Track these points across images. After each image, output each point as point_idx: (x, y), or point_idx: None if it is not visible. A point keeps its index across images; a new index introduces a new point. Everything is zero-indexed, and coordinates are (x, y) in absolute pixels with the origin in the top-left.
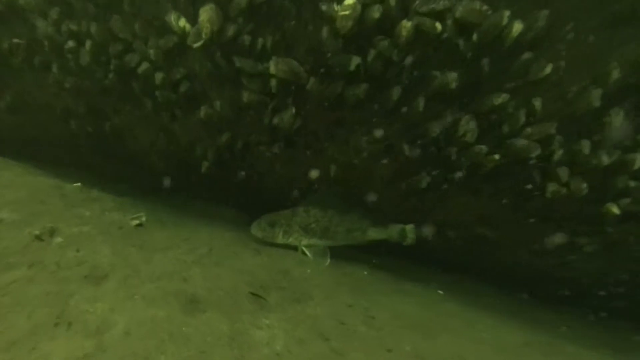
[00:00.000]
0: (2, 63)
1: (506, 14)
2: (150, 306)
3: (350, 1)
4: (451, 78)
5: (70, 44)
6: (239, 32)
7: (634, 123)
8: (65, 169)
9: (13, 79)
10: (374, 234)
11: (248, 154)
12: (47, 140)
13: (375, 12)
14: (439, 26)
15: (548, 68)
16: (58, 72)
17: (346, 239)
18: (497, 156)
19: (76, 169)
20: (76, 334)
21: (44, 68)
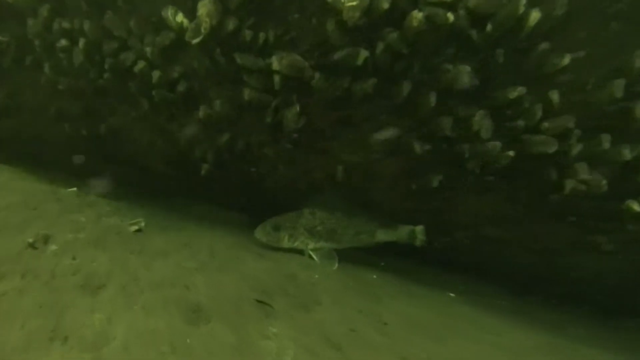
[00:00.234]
0: None
1: (522, 2)
2: (151, 316)
3: None
4: (464, 71)
5: (63, 42)
6: (240, 27)
7: None
8: (59, 172)
9: (3, 79)
10: (382, 235)
11: (249, 154)
12: (40, 143)
13: (384, 3)
14: (450, 16)
15: (566, 59)
16: (50, 72)
17: (354, 242)
18: (511, 152)
19: (71, 172)
20: (72, 348)
21: (35, 68)
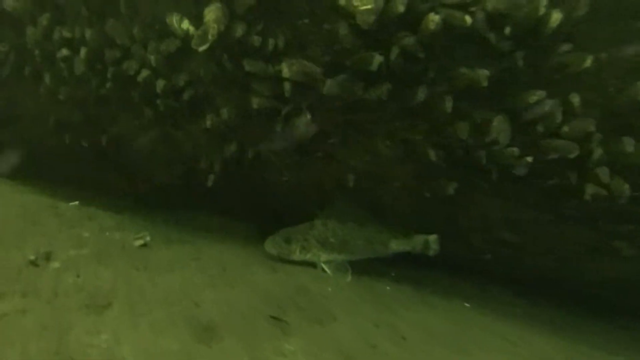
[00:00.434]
0: None
1: (543, 2)
2: (160, 336)
3: None
4: (482, 75)
5: (64, 52)
6: (248, 32)
7: None
8: (60, 185)
9: (2, 90)
10: (396, 245)
11: (258, 164)
12: (39, 155)
13: (400, 6)
14: (468, 19)
15: (588, 60)
16: (51, 82)
17: (367, 252)
18: (529, 158)
19: (72, 184)
20: None
21: (35, 78)
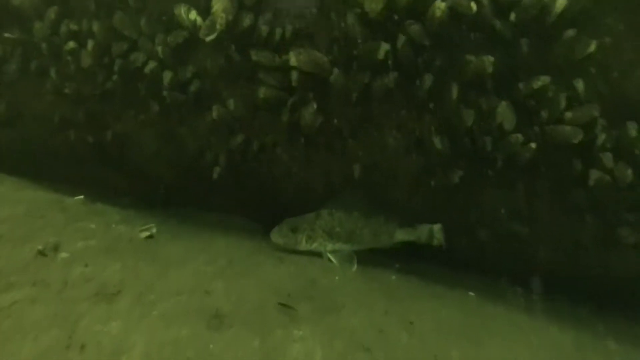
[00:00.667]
0: None
1: None
2: (171, 324)
3: None
4: (487, 62)
5: (71, 44)
6: (255, 22)
7: None
8: (64, 183)
9: (6, 88)
10: (401, 235)
11: (264, 156)
12: (44, 153)
13: None
14: (474, 6)
15: (592, 46)
16: (57, 76)
17: (372, 242)
18: (533, 145)
19: (76, 183)
20: (90, 357)
21: (41, 74)
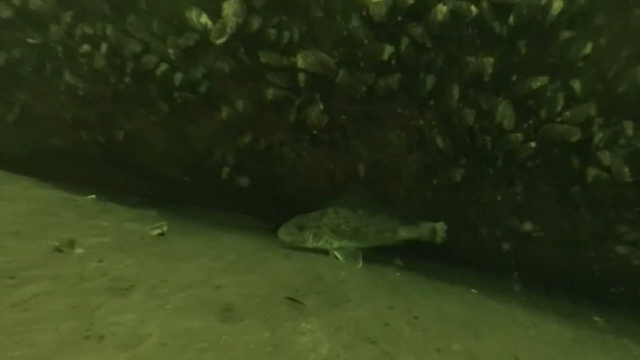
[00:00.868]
0: (11, 73)
1: None
2: (184, 316)
3: None
4: (487, 63)
5: (85, 47)
6: (264, 26)
7: None
8: (75, 182)
9: (21, 89)
10: (405, 233)
11: (271, 155)
12: (56, 153)
13: None
14: (474, 9)
15: (588, 47)
16: (70, 78)
17: (377, 240)
18: (533, 144)
19: (87, 182)
20: (108, 346)
21: (55, 75)
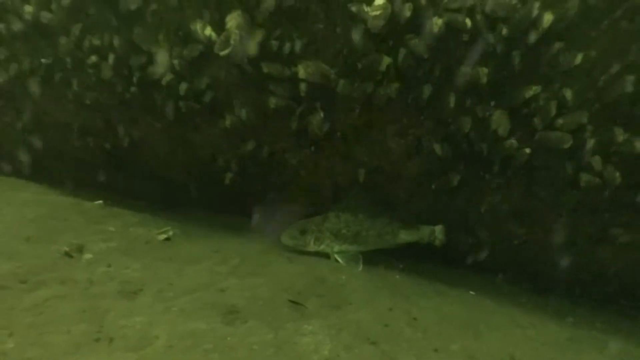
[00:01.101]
0: (22, 83)
1: (536, 5)
2: (190, 318)
3: (380, 1)
4: (482, 73)
5: (93, 58)
6: (267, 38)
7: None
8: (83, 187)
9: (31, 98)
10: (405, 236)
11: (274, 162)
12: (64, 159)
13: (406, 11)
14: (469, 22)
15: (579, 57)
16: (78, 87)
17: (377, 243)
18: (527, 150)
19: (94, 187)
20: (118, 349)
21: (64, 85)
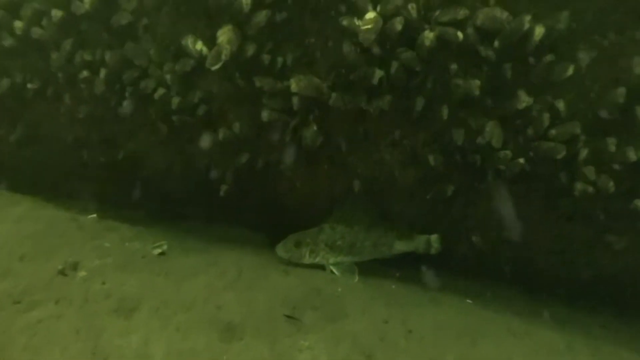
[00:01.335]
0: (15, 97)
1: (527, 18)
2: (187, 336)
3: (371, 15)
4: (474, 85)
5: (85, 73)
6: (259, 52)
7: None
8: (78, 199)
9: (25, 111)
10: (400, 246)
11: (268, 174)
12: (58, 172)
13: (398, 25)
14: (460, 35)
15: (570, 69)
16: (71, 102)
17: (372, 254)
18: (522, 160)
19: (89, 198)
20: None
21: (56, 99)
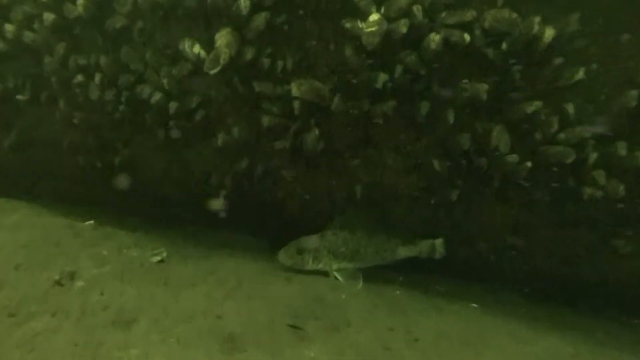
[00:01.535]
0: (8, 101)
1: (536, 20)
2: (187, 348)
3: (375, 17)
4: (482, 89)
5: (79, 78)
6: (258, 55)
7: None
8: (75, 204)
9: (18, 116)
10: (404, 251)
11: (268, 179)
12: (54, 177)
13: (403, 27)
14: (467, 37)
15: (581, 72)
16: (65, 107)
17: (376, 259)
18: (529, 164)
19: (86, 205)
20: None
21: (51, 104)
